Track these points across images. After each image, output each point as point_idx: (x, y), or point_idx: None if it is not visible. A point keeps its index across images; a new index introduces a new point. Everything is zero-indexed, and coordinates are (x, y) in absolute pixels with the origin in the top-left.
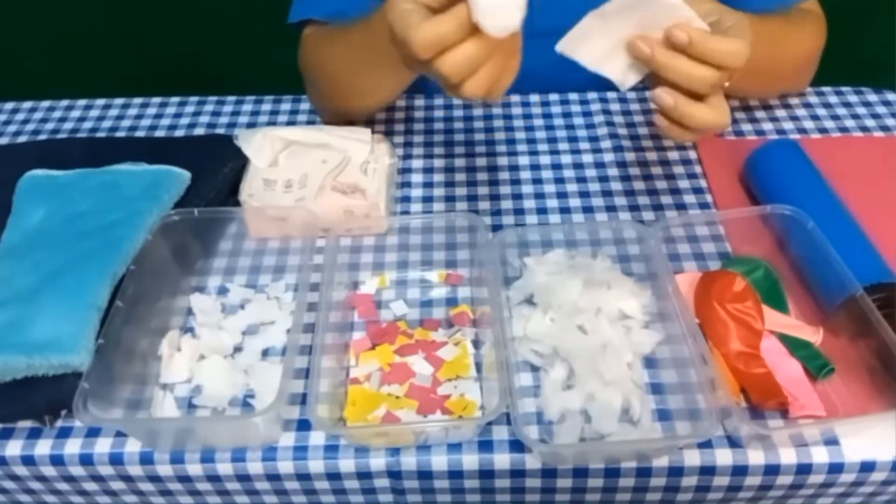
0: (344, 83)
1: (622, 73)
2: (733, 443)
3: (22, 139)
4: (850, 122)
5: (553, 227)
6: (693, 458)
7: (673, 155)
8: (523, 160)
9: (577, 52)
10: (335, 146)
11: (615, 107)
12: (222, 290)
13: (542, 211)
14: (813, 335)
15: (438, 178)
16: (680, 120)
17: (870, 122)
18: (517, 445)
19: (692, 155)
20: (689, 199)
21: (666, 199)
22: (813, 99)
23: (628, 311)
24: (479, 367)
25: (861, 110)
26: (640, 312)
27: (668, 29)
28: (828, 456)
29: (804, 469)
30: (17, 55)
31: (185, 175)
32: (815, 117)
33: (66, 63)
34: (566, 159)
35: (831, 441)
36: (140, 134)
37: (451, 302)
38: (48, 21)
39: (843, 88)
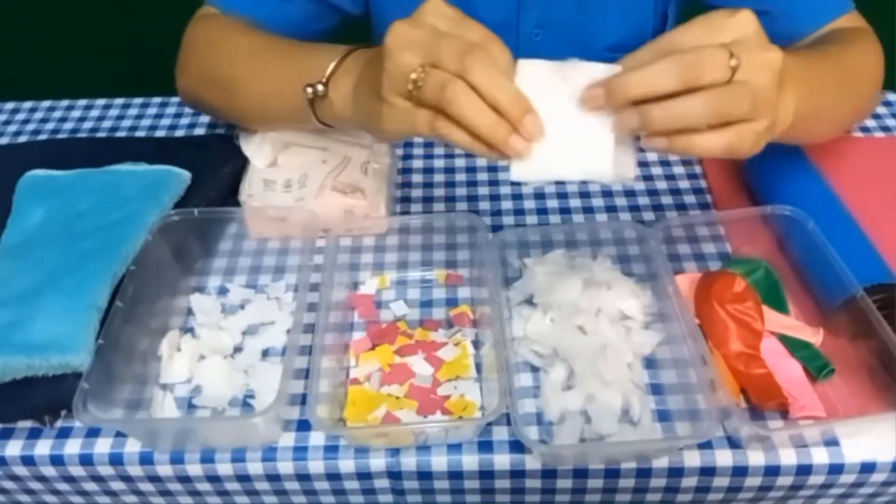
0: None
1: (613, 165)
2: (733, 443)
3: (22, 139)
4: None
5: (553, 227)
6: (693, 459)
7: (673, 155)
8: None
9: (543, 173)
10: (334, 149)
11: None
12: (222, 290)
13: (542, 211)
14: (813, 336)
15: (438, 178)
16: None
17: (870, 122)
18: (517, 446)
19: None
20: (690, 199)
21: (666, 200)
22: None
23: (628, 311)
24: (479, 367)
25: None
26: (641, 313)
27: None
28: (828, 457)
29: (804, 470)
30: (18, 55)
31: (185, 175)
32: None
33: (66, 63)
34: None
35: (831, 442)
36: (140, 134)
37: (452, 302)
38: (49, 21)
39: None
